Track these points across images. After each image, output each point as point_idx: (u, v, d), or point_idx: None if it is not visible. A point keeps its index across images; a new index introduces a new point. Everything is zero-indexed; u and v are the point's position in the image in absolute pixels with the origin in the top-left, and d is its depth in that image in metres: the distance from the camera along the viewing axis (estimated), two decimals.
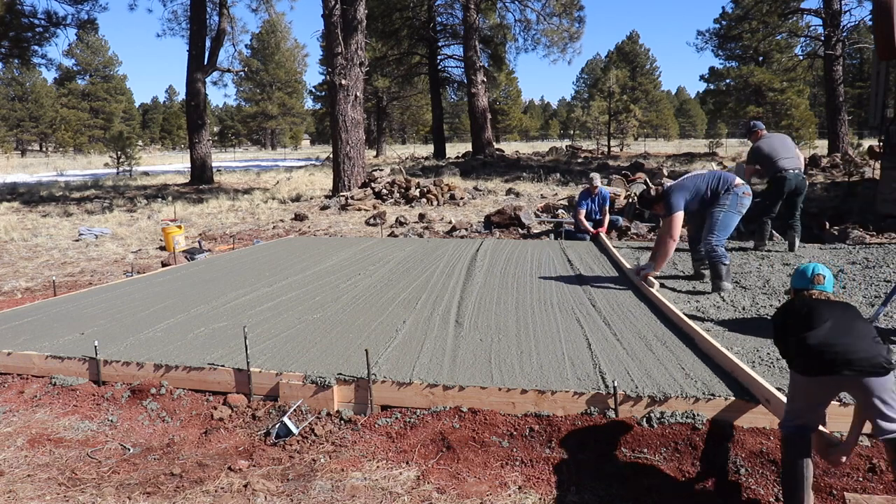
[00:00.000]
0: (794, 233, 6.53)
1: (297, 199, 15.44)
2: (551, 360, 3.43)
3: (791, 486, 2.19)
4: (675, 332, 3.90)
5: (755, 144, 6.64)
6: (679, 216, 5.03)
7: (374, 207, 13.21)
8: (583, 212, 8.35)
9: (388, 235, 9.64)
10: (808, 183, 6.56)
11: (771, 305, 4.53)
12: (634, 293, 5.02)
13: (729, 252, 5.78)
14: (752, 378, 2.91)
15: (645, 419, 2.84)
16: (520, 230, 9.71)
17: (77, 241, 10.02)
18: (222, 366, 3.45)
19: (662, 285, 5.18)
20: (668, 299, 4.79)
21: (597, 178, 8.33)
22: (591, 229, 8.17)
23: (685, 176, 5.29)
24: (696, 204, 5.16)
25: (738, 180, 5.18)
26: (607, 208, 8.48)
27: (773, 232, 7.20)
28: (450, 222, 11.01)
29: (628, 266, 5.81)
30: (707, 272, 5.46)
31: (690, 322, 3.90)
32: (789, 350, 2.27)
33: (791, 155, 6.37)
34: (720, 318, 4.27)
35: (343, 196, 13.90)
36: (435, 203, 13.65)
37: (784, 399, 2.55)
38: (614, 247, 7.45)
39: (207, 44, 21.14)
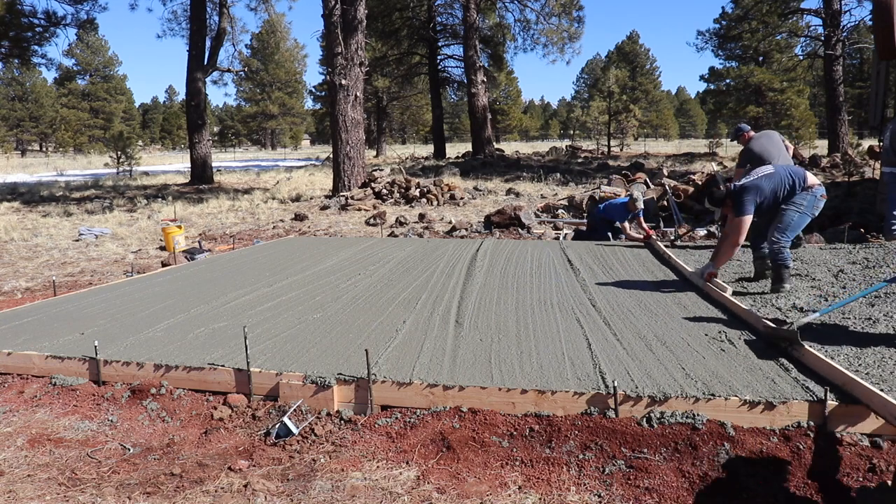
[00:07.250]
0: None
1: (297, 199, 15.44)
2: (551, 360, 3.43)
3: None
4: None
5: (746, 146, 6.50)
6: (748, 220, 4.78)
7: (374, 207, 13.21)
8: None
9: (388, 235, 9.64)
10: None
11: (772, 305, 4.53)
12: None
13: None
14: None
15: (645, 419, 2.84)
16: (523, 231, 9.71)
17: (77, 241, 10.03)
18: (222, 366, 3.45)
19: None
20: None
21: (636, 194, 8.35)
22: (648, 230, 7.86)
23: (759, 175, 4.92)
24: (769, 205, 4.89)
25: (812, 178, 4.90)
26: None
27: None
28: (450, 222, 11.02)
29: (690, 270, 5.61)
30: (769, 272, 5.19)
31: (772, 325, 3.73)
32: None
33: (782, 156, 6.14)
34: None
35: (343, 196, 13.90)
36: (435, 203, 13.65)
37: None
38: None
39: (207, 44, 21.17)
